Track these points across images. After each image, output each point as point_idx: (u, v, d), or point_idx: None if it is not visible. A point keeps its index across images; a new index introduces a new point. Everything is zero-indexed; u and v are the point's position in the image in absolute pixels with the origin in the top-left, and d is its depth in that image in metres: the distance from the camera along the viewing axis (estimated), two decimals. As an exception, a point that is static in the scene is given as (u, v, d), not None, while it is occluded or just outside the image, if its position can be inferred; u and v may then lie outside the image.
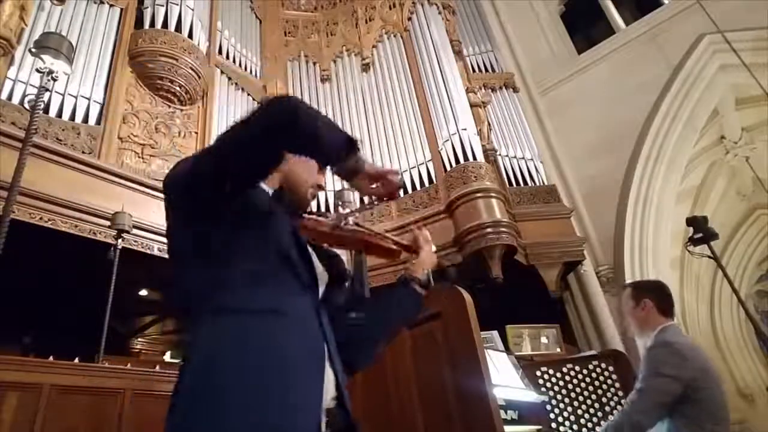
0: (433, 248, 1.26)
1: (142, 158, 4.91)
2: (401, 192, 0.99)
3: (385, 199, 1.06)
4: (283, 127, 0.83)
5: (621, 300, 2.29)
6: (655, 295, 2.17)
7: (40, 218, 3.90)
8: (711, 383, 1.87)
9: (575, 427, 2.38)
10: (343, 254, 1.31)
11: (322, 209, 5.61)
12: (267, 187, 1.06)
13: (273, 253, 0.91)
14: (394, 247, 1.20)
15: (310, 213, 1.14)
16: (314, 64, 7.23)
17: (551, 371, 2.56)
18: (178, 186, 0.93)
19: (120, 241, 3.96)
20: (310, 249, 1.03)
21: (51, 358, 2.76)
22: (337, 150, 0.92)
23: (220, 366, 0.76)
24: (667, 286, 2.30)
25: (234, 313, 0.82)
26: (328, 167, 0.99)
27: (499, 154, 6.00)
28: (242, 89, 6.39)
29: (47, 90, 3.58)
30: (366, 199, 1.12)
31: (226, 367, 0.76)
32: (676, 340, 1.97)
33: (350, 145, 0.93)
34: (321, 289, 1.00)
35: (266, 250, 0.90)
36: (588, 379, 2.51)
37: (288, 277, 0.91)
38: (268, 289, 0.86)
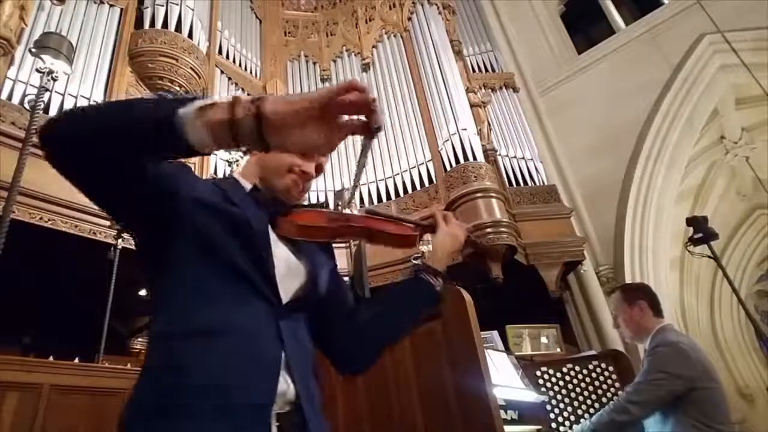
0: (459, 227, 1.08)
1: (142, 158, 4.90)
2: (379, 115, 0.66)
3: (370, 132, 0.69)
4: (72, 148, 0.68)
5: (612, 307, 2.28)
6: (647, 296, 2.18)
7: (40, 218, 3.90)
8: (713, 382, 1.88)
9: (575, 427, 2.38)
10: (342, 254, 1.26)
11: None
12: (243, 181, 0.99)
13: (215, 262, 0.81)
14: (407, 231, 1.01)
15: (303, 205, 1.01)
16: (314, 64, 7.23)
17: (551, 371, 2.56)
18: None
19: (120, 241, 3.95)
20: (284, 244, 0.93)
21: (51, 358, 2.76)
22: (168, 111, 0.63)
23: (138, 405, 0.74)
24: (650, 286, 2.34)
25: (163, 338, 0.78)
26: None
27: (499, 154, 6.00)
28: (242, 89, 6.39)
29: (47, 90, 3.58)
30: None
31: (142, 405, 0.74)
32: (678, 340, 1.98)
33: (183, 99, 0.65)
34: (291, 290, 0.90)
35: (206, 258, 0.81)
36: (588, 379, 2.51)
37: (235, 287, 0.81)
38: (205, 306, 0.78)
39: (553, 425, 2.38)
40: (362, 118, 0.68)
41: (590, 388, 2.48)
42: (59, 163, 0.69)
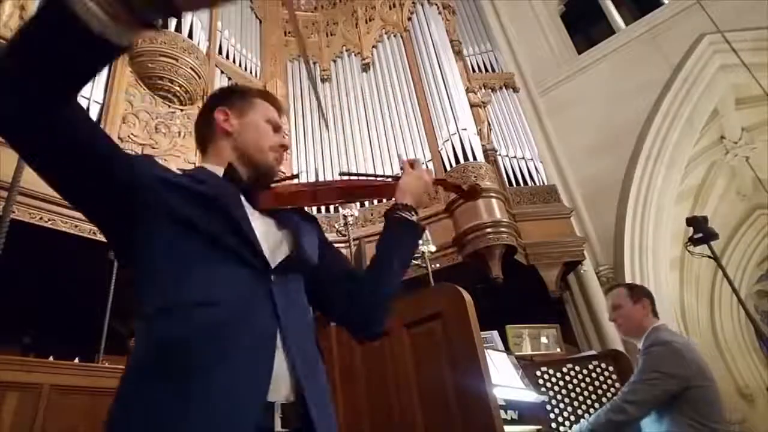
0: (426, 172, 1.12)
1: (142, 158, 4.90)
2: None
3: None
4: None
5: (613, 299, 2.29)
6: (650, 297, 2.22)
7: (40, 218, 3.90)
8: (708, 381, 1.90)
9: (574, 427, 2.38)
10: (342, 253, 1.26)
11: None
12: (213, 166, 0.99)
13: (190, 237, 0.82)
14: (380, 183, 1.08)
15: (280, 180, 1.05)
16: (314, 64, 7.23)
17: (551, 371, 2.56)
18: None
19: (120, 241, 3.95)
20: (265, 218, 0.96)
21: (51, 358, 2.76)
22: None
23: (132, 387, 0.74)
24: None
25: (153, 317, 0.78)
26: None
27: (499, 154, 6.00)
28: (242, 89, 6.39)
29: (47, 90, 3.58)
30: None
31: (136, 389, 0.73)
32: (673, 339, 2.00)
33: None
34: (279, 255, 0.90)
35: (180, 235, 0.82)
36: (588, 379, 2.51)
37: (214, 255, 0.81)
38: (194, 279, 0.79)
39: (553, 425, 2.38)
40: None
41: (590, 388, 2.48)
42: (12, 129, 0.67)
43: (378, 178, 1.09)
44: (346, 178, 1.06)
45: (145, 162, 0.89)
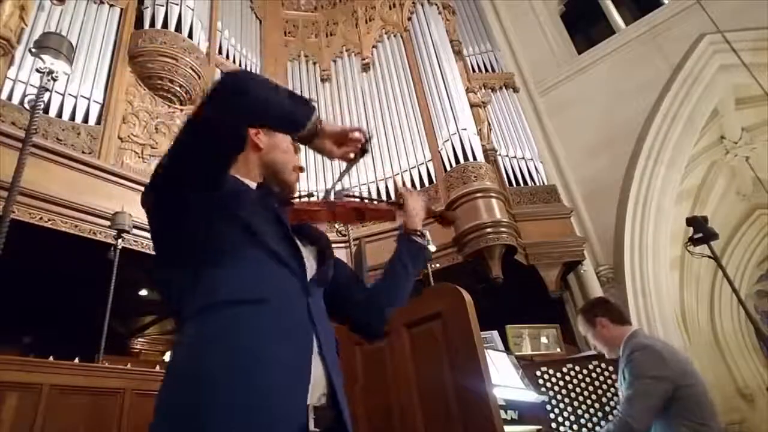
0: (420, 202, 1.25)
1: (143, 158, 4.90)
2: (369, 147, 1.09)
3: (355, 158, 1.05)
4: (236, 98, 0.83)
5: (581, 330, 2.30)
6: (603, 311, 2.20)
7: (40, 218, 3.90)
8: (692, 380, 1.89)
9: (575, 427, 2.38)
10: (343, 254, 1.32)
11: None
12: (249, 181, 1.05)
13: (250, 243, 0.88)
14: (388, 208, 1.23)
15: (299, 197, 1.15)
16: (314, 64, 7.23)
17: (551, 371, 2.56)
18: (156, 187, 0.90)
19: (120, 241, 3.95)
20: (294, 233, 1.02)
21: (51, 358, 2.75)
22: (300, 114, 0.91)
23: (192, 373, 0.75)
24: (609, 298, 2.37)
25: (212, 309, 0.81)
26: (292, 134, 0.98)
27: (499, 154, 6.00)
28: (242, 89, 6.39)
29: (47, 90, 3.58)
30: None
31: (197, 374, 0.75)
32: (650, 343, 1.99)
33: (309, 106, 0.93)
34: (310, 271, 0.97)
35: (242, 241, 0.88)
36: (588, 379, 2.51)
37: (270, 263, 0.89)
38: (248, 279, 0.85)
39: (553, 425, 2.38)
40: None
41: (590, 388, 2.48)
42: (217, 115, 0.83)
43: (380, 202, 1.22)
44: (352, 199, 1.18)
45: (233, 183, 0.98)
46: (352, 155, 1.05)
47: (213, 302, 0.81)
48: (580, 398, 2.46)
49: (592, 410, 2.41)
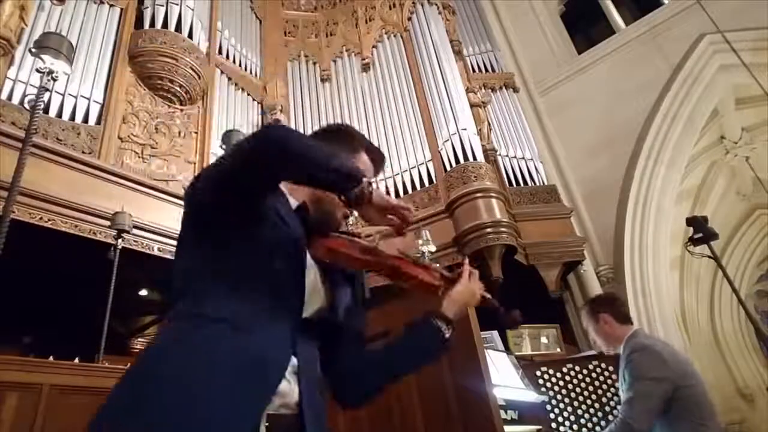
0: (479, 292, 1.11)
1: (143, 158, 4.91)
2: (410, 227, 0.94)
3: (395, 232, 0.97)
4: (272, 156, 0.85)
5: (583, 324, 2.31)
6: (608, 307, 2.21)
7: (40, 218, 3.90)
8: (692, 380, 1.89)
9: (575, 427, 2.39)
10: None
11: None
12: (293, 198, 1.04)
13: (261, 265, 0.89)
14: (434, 280, 1.05)
15: (342, 233, 1.07)
16: (314, 64, 7.23)
17: (551, 371, 2.56)
18: (206, 191, 0.92)
19: (120, 241, 3.95)
20: (314, 265, 0.99)
21: (51, 358, 2.75)
22: (340, 178, 0.89)
23: (149, 373, 0.79)
24: (618, 296, 2.37)
25: (192, 317, 0.83)
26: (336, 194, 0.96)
27: (499, 154, 6.00)
28: (242, 89, 6.39)
29: (47, 90, 3.58)
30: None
31: (153, 374, 0.78)
32: (650, 343, 1.99)
33: (349, 176, 0.90)
34: (313, 308, 0.96)
35: (255, 261, 0.89)
36: (588, 379, 2.51)
37: (268, 292, 0.88)
38: (238, 306, 0.84)
39: (553, 425, 2.38)
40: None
41: (590, 388, 2.48)
42: (262, 155, 0.85)
43: (432, 271, 1.06)
44: (401, 256, 1.05)
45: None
46: (391, 227, 0.98)
47: (198, 313, 0.83)
48: (580, 398, 2.46)
49: (592, 410, 2.41)
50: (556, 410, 2.43)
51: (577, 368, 2.55)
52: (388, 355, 1.07)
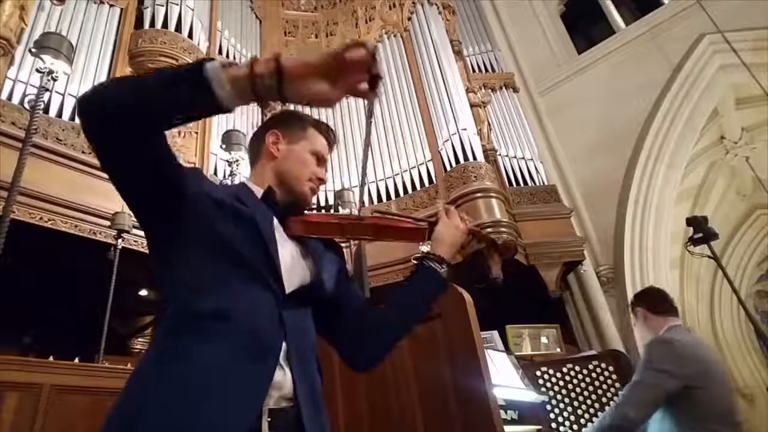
0: (463, 224, 1.10)
1: (142, 158, 4.90)
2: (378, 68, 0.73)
3: (371, 86, 0.72)
4: (102, 110, 0.73)
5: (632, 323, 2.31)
6: (644, 301, 2.21)
7: (40, 218, 3.90)
8: (710, 383, 1.86)
9: (575, 427, 2.38)
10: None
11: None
12: (254, 186, 1.05)
13: (222, 251, 0.87)
14: (415, 224, 1.06)
15: (312, 209, 1.08)
16: (314, 64, 7.22)
17: (551, 371, 2.56)
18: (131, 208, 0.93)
19: (120, 241, 3.96)
20: (292, 244, 0.99)
21: (51, 358, 2.76)
22: (192, 80, 0.70)
23: (141, 384, 0.79)
24: (659, 288, 2.34)
25: (181, 319, 0.82)
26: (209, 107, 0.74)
27: (499, 154, 6.00)
28: (242, 89, 6.39)
29: (47, 90, 3.58)
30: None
31: (144, 385, 0.78)
32: (678, 338, 1.96)
33: (192, 70, 0.70)
34: (296, 283, 0.93)
35: (214, 248, 0.87)
36: (588, 379, 2.51)
37: (240, 275, 0.86)
38: (214, 293, 0.83)
39: (553, 425, 2.38)
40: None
41: (590, 388, 2.48)
42: (97, 127, 0.75)
43: (411, 221, 1.06)
44: (378, 215, 1.06)
45: (194, 174, 0.95)
46: (363, 85, 0.72)
47: (182, 310, 0.82)
48: (580, 398, 2.46)
49: (592, 410, 2.41)
50: (556, 410, 2.43)
51: (577, 368, 2.54)
52: (392, 307, 1.06)
